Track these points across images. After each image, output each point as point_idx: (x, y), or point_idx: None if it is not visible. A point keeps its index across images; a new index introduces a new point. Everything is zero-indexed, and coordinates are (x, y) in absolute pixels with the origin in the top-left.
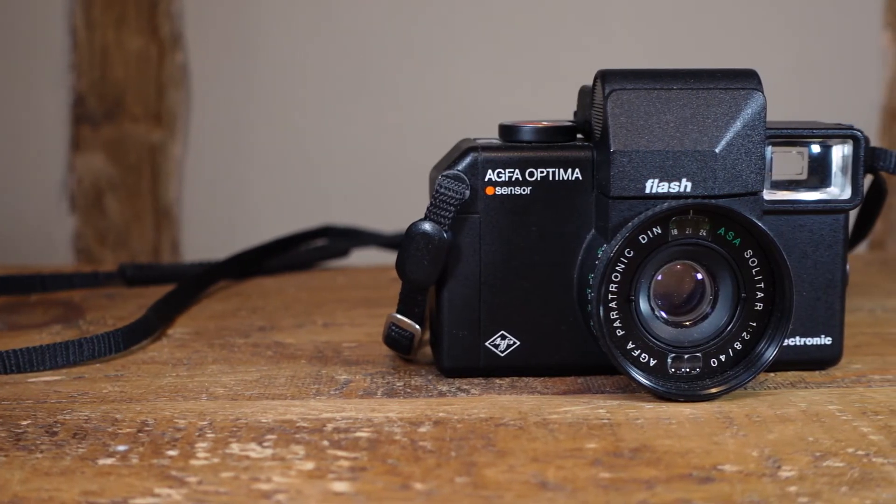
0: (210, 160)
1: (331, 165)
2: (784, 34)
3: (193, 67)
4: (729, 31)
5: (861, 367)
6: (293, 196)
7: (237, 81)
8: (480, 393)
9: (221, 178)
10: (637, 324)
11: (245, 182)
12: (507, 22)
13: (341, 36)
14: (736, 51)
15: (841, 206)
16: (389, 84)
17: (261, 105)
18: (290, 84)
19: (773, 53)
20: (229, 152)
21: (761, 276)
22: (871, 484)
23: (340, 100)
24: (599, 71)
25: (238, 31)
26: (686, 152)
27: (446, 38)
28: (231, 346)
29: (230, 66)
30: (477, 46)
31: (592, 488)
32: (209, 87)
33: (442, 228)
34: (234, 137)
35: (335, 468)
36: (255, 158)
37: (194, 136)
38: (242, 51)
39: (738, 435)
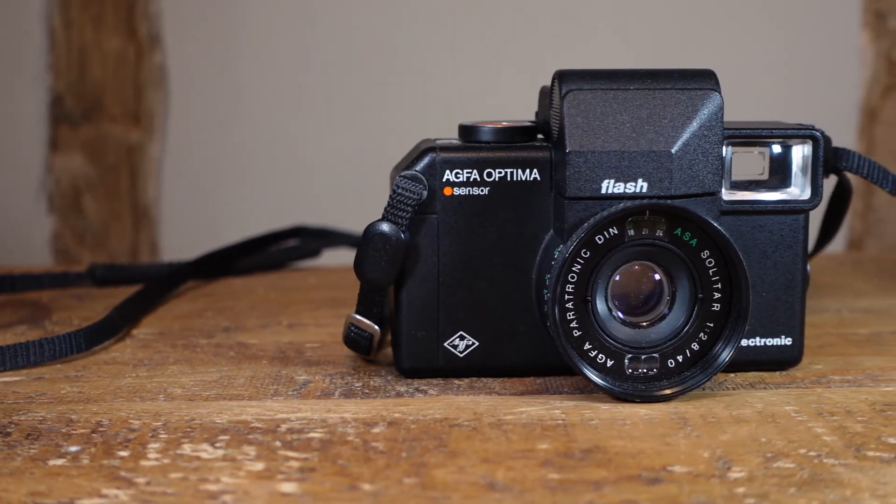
0: (188, 160)
1: (309, 165)
2: (762, 34)
3: (171, 68)
4: (707, 30)
5: (822, 368)
6: (272, 196)
7: (215, 82)
8: (438, 394)
9: (200, 179)
10: (594, 324)
11: (223, 182)
12: (484, 23)
13: (318, 37)
14: (715, 50)
15: (800, 206)
16: (367, 85)
17: (238, 105)
18: (267, 85)
19: (752, 53)
20: (207, 153)
21: (718, 277)
22: (820, 485)
23: (318, 100)
24: (557, 71)
25: (216, 32)
26: (642, 153)
27: (424, 41)
28: (194, 347)
29: (208, 66)
30: (454, 48)
31: (540, 489)
32: (187, 87)
33: (399, 229)
34: (212, 138)
35: (285, 469)
36: (233, 159)
37: (172, 137)
38: (220, 51)
39: (691, 436)
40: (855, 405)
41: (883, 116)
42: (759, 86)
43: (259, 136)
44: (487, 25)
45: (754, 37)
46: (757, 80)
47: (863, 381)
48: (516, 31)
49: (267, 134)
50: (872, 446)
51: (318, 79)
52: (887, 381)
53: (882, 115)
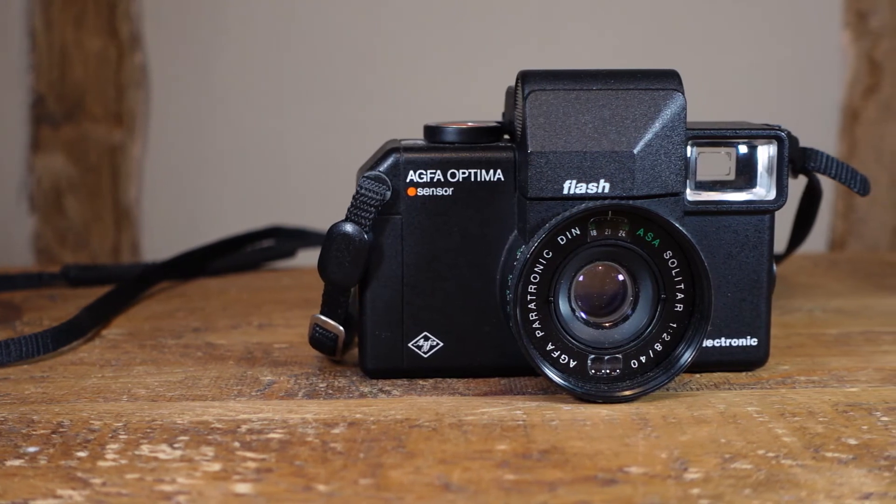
0: (170, 160)
1: (290, 166)
2: (743, 34)
3: (153, 68)
4: (687, 30)
5: (788, 369)
6: (253, 196)
7: (196, 82)
8: (401, 394)
9: (181, 179)
10: (556, 325)
11: (204, 182)
12: (460, 23)
13: (298, 37)
14: (694, 51)
15: (766, 206)
16: (347, 86)
17: (219, 106)
18: (247, 85)
19: (733, 53)
20: (189, 153)
21: (681, 278)
22: (776, 486)
23: (298, 100)
24: (520, 72)
25: (197, 32)
26: (604, 153)
27: (402, 42)
28: (162, 347)
29: (189, 66)
30: (431, 49)
31: (495, 490)
32: (168, 87)
33: (363, 229)
34: (193, 138)
35: (241, 469)
36: (215, 159)
37: (154, 137)
38: (201, 52)
39: (650, 437)
40: (818, 406)
41: (864, 117)
42: (740, 86)
43: (240, 136)
44: (464, 26)
45: (735, 37)
46: (738, 81)
47: (828, 382)
48: (493, 31)
49: (247, 134)
50: (832, 447)
51: (297, 79)
52: (852, 381)
53: (863, 116)
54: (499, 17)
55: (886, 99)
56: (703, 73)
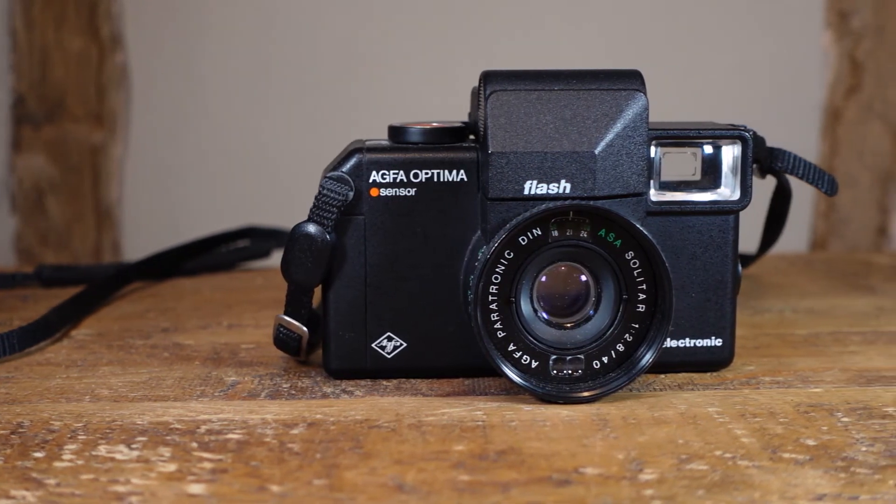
0: (151, 161)
1: (272, 166)
2: (725, 34)
3: (134, 68)
4: (669, 30)
5: (754, 369)
6: (234, 196)
7: (177, 82)
8: (364, 395)
9: (162, 179)
10: (518, 325)
11: (185, 183)
12: (441, 23)
13: (279, 38)
14: (676, 51)
15: (730, 206)
16: (329, 86)
17: (200, 106)
18: (229, 85)
19: (715, 53)
20: (170, 153)
21: (643, 278)
22: (730, 487)
23: (279, 101)
24: (483, 72)
25: (177, 33)
26: (565, 153)
27: (385, 43)
28: (129, 348)
29: (170, 66)
30: (413, 49)
31: (448, 491)
32: (149, 87)
33: (325, 230)
34: (174, 138)
35: (196, 470)
36: (196, 159)
37: (135, 137)
38: (182, 52)
39: (608, 437)
40: (779, 406)
41: (846, 117)
42: (722, 86)
43: (221, 136)
44: (444, 26)
45: (717, 37)
46: (720, 81)
47: (792, 383)
48: (475, 31)
49: (228, 135)
50: (789, 448)
51: (278, 80)
52: (817, 382)
53: (845, 116)
54: (480, 17)
55: (868, 99)
56: (685, 74)
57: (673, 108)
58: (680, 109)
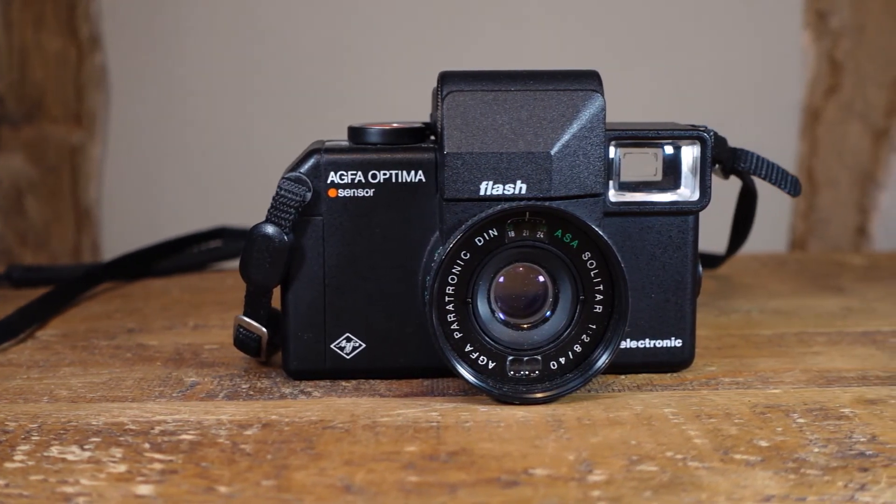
0: (129, 161)
1: (251, 165)
2: (704, 35)
3: (112, 68)
4: (647, 30)
5: (715, 370)
6: (213, 196)
7: (156, 82)
8: (322, 395)
9: (141, 179)
10: (475, 326)
11: (165, 182)
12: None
13: (257, 37)
14: (655, 51)
15: (688, 207)
16: (309, 86)
17: (179, 106)
18: (207, 85)
19: (694, 54)
20: (149, 153)
21: (600, 279)
22: (678, 489)
23: (258, 101)
24: (441, 72)
25: (156, 33)
26: (521, 154)
27: (368, 43)
28: (93, 349)
29: (148, 67)
30: (396, 50)
31: (395, 492)
32: (128, 87)
33: (283, 231)
34: (153, 138)
35: (146, 471)
36: (175, 159)
37: (114, 137)
38: (160, 52)
39: (561, 438)
40: (736, 407)
41: (825, 117)
42: (701, 87)
43: (199, 136)
44: (422, 27)
45: (695, 37)
46: (699, 81)
47: (752, 384)
48: (451, 32)
49: (207, 134)
50: (742, 449)
51: (257, 80)
52: (777, 383)
53: (824, 116)
54: (455, 18)
55: (847, 99)
56: (664, 74)
57: (651, 108)
58: (658, 110)
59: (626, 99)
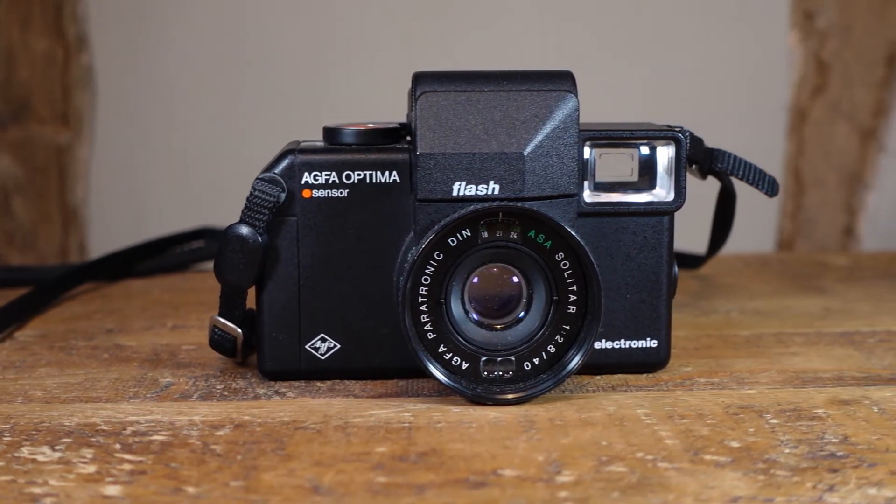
0: (116, 161)
1: (236, 166)
2: (691, 35)
3: (99, 69)
4: (633, 30)
5: (691, 371)
6: (200, 196)
7: (142, 83)
8: (296, 396)
9: (128, 179)
10: (448, 327)
11: (152, 183)
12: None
13: (244, 38)
14: (642, 51)
15: (663, 207)
16: (294, 87)
17: (166, 106)
18: (194, 85)
19: (681, 54)
20: (136, 153)
21: (573, 279)
22: (645, 489)
23: (244, 101)
24: (414, 73)
25: (142, 33)
26: (493, 155)
27: (352, 45)
28: (70, 349)
29: (135, 67)
30: (378, 52)
31: (363, 493)
32: (115, 88)
33: (257, 231)
34: (140, 138)
35: (115, 472)
36: (162, 159)
37: (100, 138)
38: (147, 53)
39: (532, 439)
40: (709, 408)
41: (812, 117)
42: (687, 87)
43: (186, 136)
44: (411, 29)
45: (682, 38)
46: (685, 81)
47: (727, 384)
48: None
49: (194, 135)
50: (712, 450)
51: (244, 80)
52: (752, 383)
53: (811, 116)
54: (447, 17)
55: (834, 99)
56: (651, 74)
57: (638, 108)
58: (645, 110)
59: (613, 99)
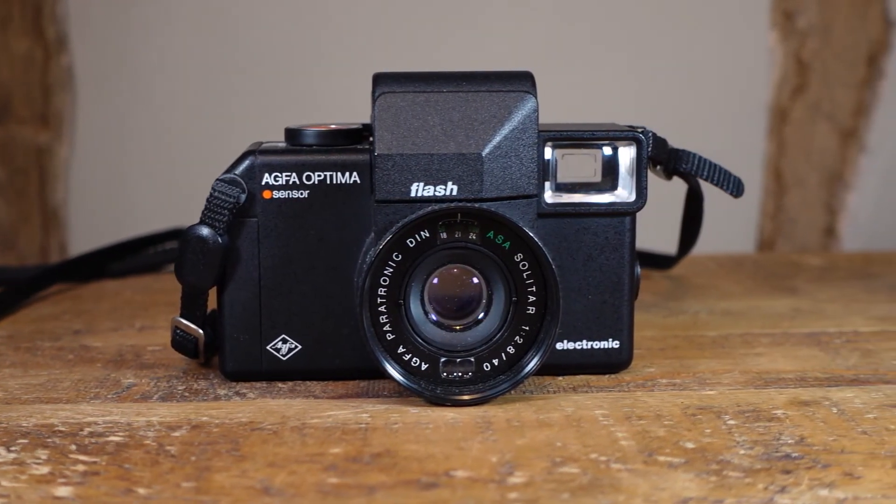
0: (97, 162)
1: (216, 166)
2: (671, 35)
3: (79, 70)
4: (613, 31)
5: (654, 371)
6: (179, 197)
7: (122, 83)
8: (256, 397)
9: (108, 180)
10: (407, 327)
11: (132, 183)
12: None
13: (224, 38)
14: (621, 51)
15: (624, 208)
16: (275, 87)
17: (146, 107)
18: (174, 86)
19: (661, 54)
20: (116, 154)
21: (532, 280)
22: (596, 491)
23: (224, 101)
24: (374, 74)
25: (122, 34)
26: (451, 155)
27: (331, 45)
28: (36, 350)
29: (115, 68)
30: (357, 52)
31: (313, 494)
32: (94, 89)
33: (217, 232)
34: (120, 139)
35: (69, 473)
36: (142, 160)
37: (81, 138)
38: (127, 53)
39: (488, 440)
40: (668, 409)
41: (793, 117)
42: (667, 87)
43: (166, 137)
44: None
45: (662, 38)
46: (665, 82)
47: (689, 385)
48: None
49: (174, 135)
50: (667, 451)
51: (223, 81)
52: (714, 384)
53: (792, 116)
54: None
55: (814, 99)
56: (630, 74)
57: (618, 109)
58: (625, 111)
59: (592, 100)
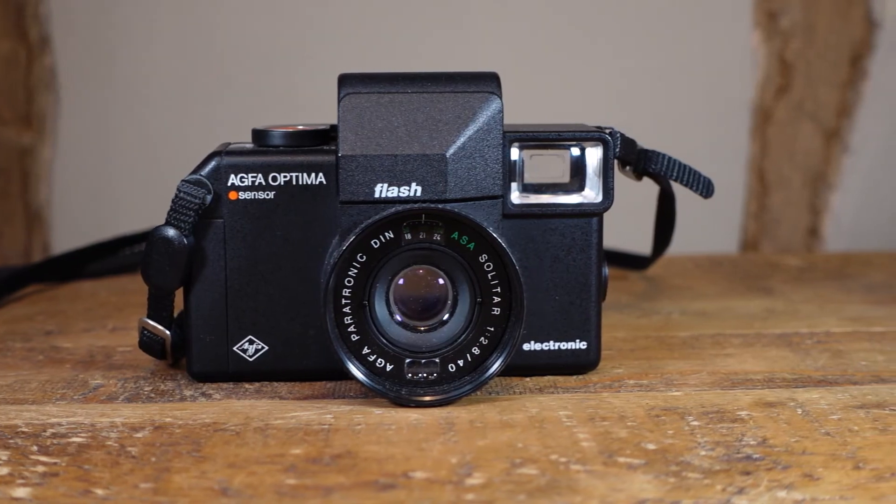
0: (80, 162)
1: None
2: (653, 34)
3: (62, 70)
4: (596, 30)
5: (622, 372)
6: (163, 198)
7: (105, 84)
8: (222, 398)
9: (91, 181)
10: (372, 328)
11: (115, 184)
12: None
13: (207, 39)
14: (604, 52)
15: (591, 209)
16: (258, 87)
17: (129, 107)
18: (157, 87)
19: (643, 54)
20: (99, 154)
21: (497, 281)
22: (552, 492)
23: (207, 102)
24: (339, 74)
25: (105, 34)
26: (415, 156)
27: (320, 45)
28: (6, 351)
29: (98, 68)
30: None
31: (270, 495)
32: (77, 89)
33: (182, 233)
34: (103, 140)
35: (28, 474)
36: (125, 160)
37: (64, 139)
38: (110, 54)
39: (449, 441)
40: (632, 410)
41: (776, 117)
42: (650, 87)
43: (150, 137)
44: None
45: (644, 37)
46: (648, 82)
47: (656, 386)
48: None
49: (158, 136)
50: (627, 452)
51: (207, 81)
52: (680, 385)
53: (775, 116)
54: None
55: (798, 99)
56: (612, 74)
57: (600, 109)
58: (607, 110)
59: (575, 100)
